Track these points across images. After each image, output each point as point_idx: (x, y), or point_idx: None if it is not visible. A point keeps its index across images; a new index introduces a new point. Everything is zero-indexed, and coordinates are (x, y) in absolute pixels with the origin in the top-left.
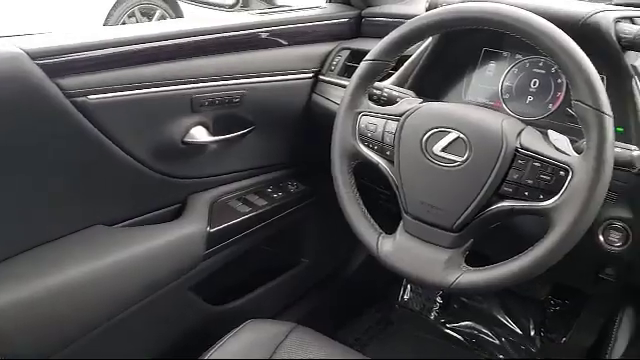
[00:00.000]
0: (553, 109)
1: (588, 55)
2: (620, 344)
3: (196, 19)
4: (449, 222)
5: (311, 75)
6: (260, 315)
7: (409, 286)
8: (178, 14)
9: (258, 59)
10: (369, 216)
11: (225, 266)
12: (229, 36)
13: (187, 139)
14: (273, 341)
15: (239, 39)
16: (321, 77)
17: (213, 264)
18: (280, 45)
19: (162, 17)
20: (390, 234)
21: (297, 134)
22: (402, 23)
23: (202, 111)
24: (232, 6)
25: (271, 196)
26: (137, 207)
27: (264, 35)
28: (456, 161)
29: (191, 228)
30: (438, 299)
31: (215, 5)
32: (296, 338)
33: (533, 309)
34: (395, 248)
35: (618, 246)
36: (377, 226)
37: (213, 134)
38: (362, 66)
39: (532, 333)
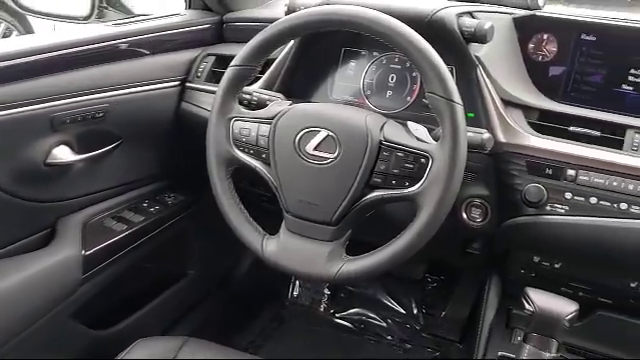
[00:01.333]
0: (411, 101)
1: (436, 49)
2: (490, 311)
3: (49, 34)
4: (327, 216)
5: (177, 83)
6: (150, 333)
7: (297, 282)
8: (27, 29)
9: (120, 71)
10: (251, 219)
11: (107, 288)
12: (87, 49)
13: (50, 160)
14: (165, 358)
15: (98, 52)
16: (188, 85)
17: (93, 287)
18: (142, 55)
19: (7, 31)
20: (274, 235)
21: (169, 144)
22: (264, 27)
23: (64, 129)
24: (86, 18)
25: (148, 210)
26: (2, 238)
27: (124, 46)
28: (328, 158)
29: (64, 253)
30: (326, 291)
31: (68, 18)
32: (189, 351)
33: (413, 288)
34: (279, 248)
35: (479, 221)
36: (260, 228)
37: (78, 152)
38: (229, 72)
39: (415, 311)
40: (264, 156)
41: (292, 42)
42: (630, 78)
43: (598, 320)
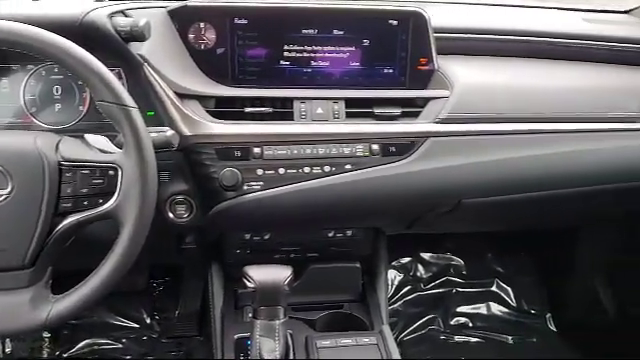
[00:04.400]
0: (85, 111)
1: (96, 54)
2: (218, 297)
3: None
4: (19, 260)
5: None
6: None
7: (7, 338)
8: None
9: None
10: None
11: None
12: None
13: None
14: None
15: None
16: None
17: None
18: None
19: None
20: None
21: None
22: None
23: None
24: None
25: None
26: None
27: None
28: (1, 195)
29: None
30: (45, 334)
31: None
32: None
33: (140, 299)
34: None
35: (186, 217)
36: None
37: None
38: None
39: (148, 321)
40: None
41: None
42: (285, 54)
43: (312, 274)
